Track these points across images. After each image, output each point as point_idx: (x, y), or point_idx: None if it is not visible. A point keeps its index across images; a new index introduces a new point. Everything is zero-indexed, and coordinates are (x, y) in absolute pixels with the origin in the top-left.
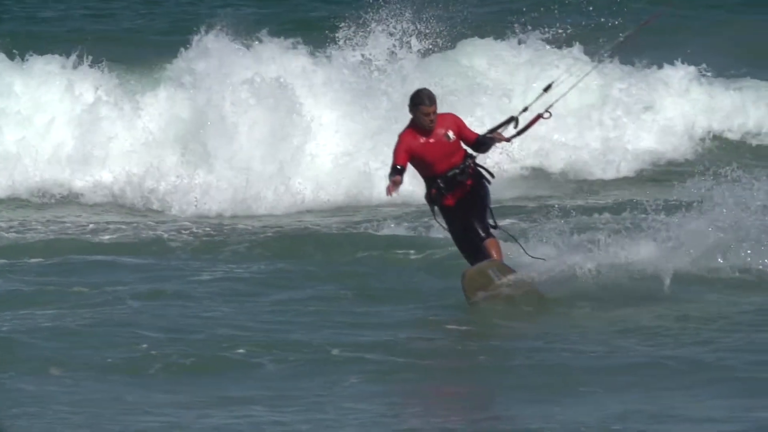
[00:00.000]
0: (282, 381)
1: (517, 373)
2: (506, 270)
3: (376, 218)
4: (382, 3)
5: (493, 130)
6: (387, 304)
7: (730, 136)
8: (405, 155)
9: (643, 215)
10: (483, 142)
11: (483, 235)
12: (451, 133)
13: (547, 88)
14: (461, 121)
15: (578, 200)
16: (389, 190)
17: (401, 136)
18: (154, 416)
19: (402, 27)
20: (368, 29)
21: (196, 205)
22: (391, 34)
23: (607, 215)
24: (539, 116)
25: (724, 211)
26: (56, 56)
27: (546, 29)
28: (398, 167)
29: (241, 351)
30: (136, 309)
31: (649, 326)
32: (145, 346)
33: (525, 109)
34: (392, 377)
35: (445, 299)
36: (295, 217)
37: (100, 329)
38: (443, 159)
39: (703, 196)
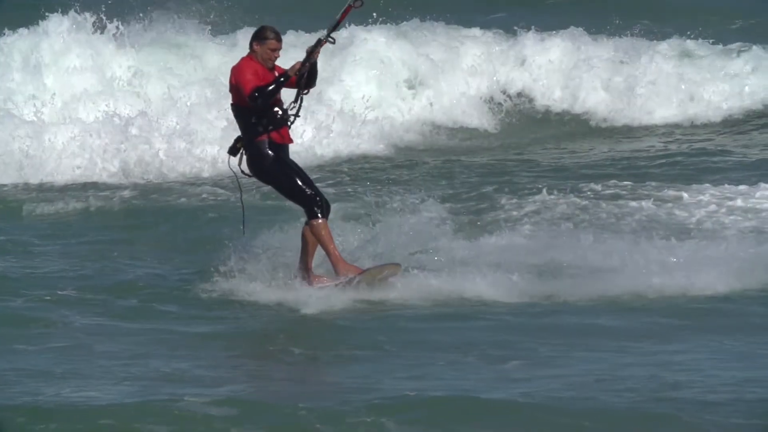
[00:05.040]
0: (26, 322)
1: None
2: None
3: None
4: None
5: (310, 53)
6: (152, 253)
7: None
8: (255, 78)
9: None
10: (309, 72)
11: (319, 214)
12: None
13: None
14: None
15: None
16: (315, 53)
17: (243, 65)
18: None
19: None
20: None
21: None
22: None
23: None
24: (350, 7)
25: None
26: None
27: None
28: (259, 88)
29: None
30: None
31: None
32: None
33: (352, 6)
34: (139, 321)
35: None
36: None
37: None
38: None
39: None
